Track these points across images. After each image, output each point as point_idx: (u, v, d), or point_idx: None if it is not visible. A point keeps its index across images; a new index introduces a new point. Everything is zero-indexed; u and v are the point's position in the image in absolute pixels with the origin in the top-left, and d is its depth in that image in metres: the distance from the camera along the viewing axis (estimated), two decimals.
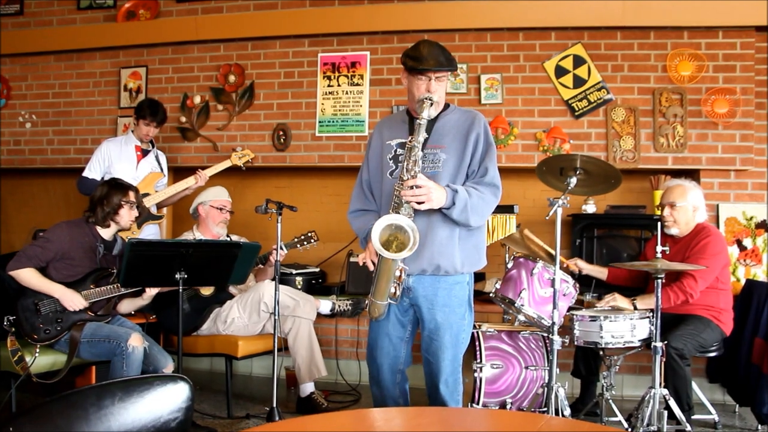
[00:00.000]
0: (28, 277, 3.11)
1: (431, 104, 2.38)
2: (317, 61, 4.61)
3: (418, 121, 2.36)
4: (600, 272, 3.66)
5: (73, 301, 3.13)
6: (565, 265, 3.64)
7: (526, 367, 3.27)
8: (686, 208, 3.45)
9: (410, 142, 2.35)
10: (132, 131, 4.19)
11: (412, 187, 2.30)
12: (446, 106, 2.56)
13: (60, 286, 3.14)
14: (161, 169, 4.22)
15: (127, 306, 3.39)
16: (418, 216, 2.37)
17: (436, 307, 2.46)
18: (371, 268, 2.47)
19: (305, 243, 3.87)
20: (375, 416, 1.92)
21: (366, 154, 2.67)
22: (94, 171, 4.10)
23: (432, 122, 2.47)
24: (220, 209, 3.94)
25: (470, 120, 2.51)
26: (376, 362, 2.59)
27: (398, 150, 2.51)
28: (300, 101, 4.64)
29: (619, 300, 3.34)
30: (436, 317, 2.47)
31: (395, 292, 2.43)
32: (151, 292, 3.29)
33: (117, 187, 3.35)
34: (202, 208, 3.95)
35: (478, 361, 3.22)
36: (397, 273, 2.40)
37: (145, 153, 4.18)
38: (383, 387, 2.60)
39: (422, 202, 2.32)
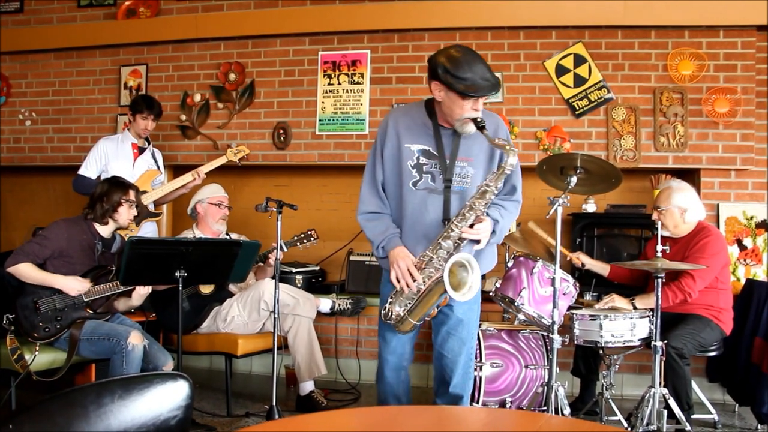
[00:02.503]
0: (27, 271, 3.11)
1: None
2: (318, 60, 4.60)
3: (498, 171, 2.31)
4: (602, 268, 3.65)
5: (75, 286, 3.13)
6: (568, 258, 3.63)
7: (526, 366, 3.27)
8: (671, 211, 3.43)
9: (488, 185, 2.31)
10: (128, 129, 4.19)
11: (471, 226, 2.33)
12: None
13: (58, 275, 3.13)
14: (158, 167, 4.21)
15: (121, 306, 3.38)
16: None
17: (457, 303, 2.45)
18: (414, 290, 2.37)
19: (305, 241, 3.87)
20: (375, 415, 1.92)
21: (379, 151, 2.48)
22: (90, 169, 4.08)
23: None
24: (218, 205, 3.94)
25: (494, 127, 2.42)
26: (382, 357, 2.61)
27: (422, 158, 2.42)
28: (300, 99, 4.64)
29: (618, 301, 3.33)
30: (457, 313, 2.51)
31: (433, 312, 2.45)
32: (140, 291, 3.28)
33: (117, 185, 3.35)
34: (200, 206, 3.94)
35: (478, 359, 3.22)
36: (441, 300, 2.40)
37: (141, 151, 4.17)
38: (387, 383, 2.62)
39: (479, 241, 2.37)
